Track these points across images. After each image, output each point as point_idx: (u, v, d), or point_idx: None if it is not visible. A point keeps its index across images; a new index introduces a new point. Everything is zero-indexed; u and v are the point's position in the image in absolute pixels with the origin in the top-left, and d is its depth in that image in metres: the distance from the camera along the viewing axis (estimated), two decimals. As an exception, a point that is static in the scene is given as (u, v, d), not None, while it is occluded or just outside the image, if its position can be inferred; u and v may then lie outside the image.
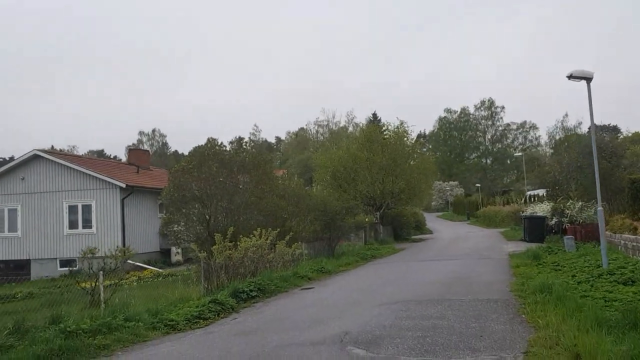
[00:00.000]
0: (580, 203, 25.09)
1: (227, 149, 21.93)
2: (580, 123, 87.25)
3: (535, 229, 26.13)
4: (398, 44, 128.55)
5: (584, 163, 32.86)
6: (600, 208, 12.87)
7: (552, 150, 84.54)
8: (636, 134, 71.81)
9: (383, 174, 32.27)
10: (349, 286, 13.50)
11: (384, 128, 36.29)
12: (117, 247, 13.18)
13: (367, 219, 34.83)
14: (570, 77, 12.67)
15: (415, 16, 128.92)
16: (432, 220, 60.34)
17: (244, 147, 22.49)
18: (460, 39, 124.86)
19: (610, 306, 8.75)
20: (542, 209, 28.00)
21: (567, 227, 24.57)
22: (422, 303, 10.02)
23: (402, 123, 34.67)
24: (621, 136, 67.21)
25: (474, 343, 6.93)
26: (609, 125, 77.90)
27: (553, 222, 25.61)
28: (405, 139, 34.83)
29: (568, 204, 25.33)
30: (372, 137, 34.06)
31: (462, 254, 21.48)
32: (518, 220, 39.28)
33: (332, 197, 24.79)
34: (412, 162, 35.31)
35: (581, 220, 24.20)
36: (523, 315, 8.52)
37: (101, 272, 11.10)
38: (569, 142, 55.67)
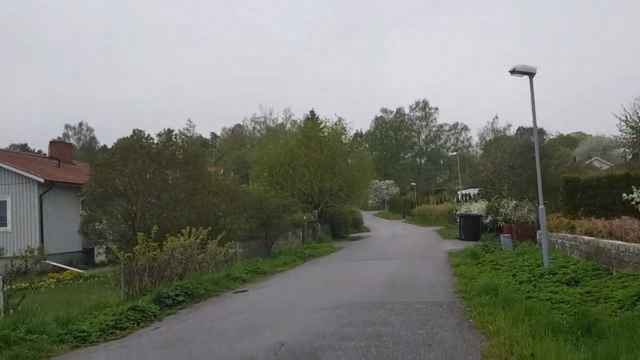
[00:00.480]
0: (514, 202, 25.43)
1: (155, 141, 20.48)
2: (509, 125, 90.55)
3: (471, 227, 26.28)
4: (337, 44, 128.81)
5: (515, 162, 33.70)
6: (541, 206, 12.68)
7: (482, 151, 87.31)
8: (562, 136, 75.25)
9: (321, 171, 31.65)
10: (285, 288, 12.65)
11: (321, 125, 35.59)
12: (28, 247, 11.66)
13: (305, 217, 34.11)
14: (513, 71, 12.39)
15: (354, 18, 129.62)
16: (369, 219, 60.53)
17: (174, 140, 21.09)
18: (397, 41, 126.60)
19: (558, 308, 8.37)
20: (477, 207, 28.26)
21: (502, 225, 24.82)
22: (364, 307, 9.31)
23: (340, 120, 34.25)
24: (547, 138, 70.17)
25: (423, 354, 6.25)
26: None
27: (488, 220, 25.84)
28: (343, 136, 34.36)
29: (503, 202, 25.62)
30: (309, 133, 33.38)
31: (401, 252, 21.12)
32: (452, 219, 39.77)
33: (269, 194, 23.81)
34: (350, 161, 34.95)
35: (515, 219, 24.52)
36: (471, 320, 7.97)
37: (0, 277, 9.68)
38: (498, 143, 57.37)
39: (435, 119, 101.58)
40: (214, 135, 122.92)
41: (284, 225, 21.81)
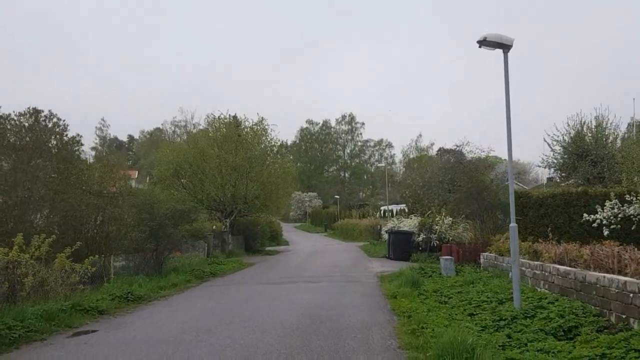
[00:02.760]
0: (449, 219, 22.73)
1: (17, 123, 15.89)
2: (432, 144, 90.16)
3: (401, 245, 23.25)
4: (272, 57, 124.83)
5: (445, 178, 31.41)
6: (513, 224, 9.54)
7: (404, 169, 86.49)
8: (479, 158, 75.67)
9: (236, 175, 27.65)
10: (152, 330, 8.63)
11: (241, 124, 31.50)
12: None
13: (214, 227, 30.04)
14: (482, 42, 9.26)
15: (286, 33, 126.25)
16: (289, 231, 57.23)
17: (44, 123, 16.51)
18: (331, 56, 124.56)
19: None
20: (408, 223, 25.33)
21: (436, 244, 22.00)
22: (259, 378, 5.60)
23: (261, 120, 30.39)
24: (466, 159, 69.86)
25: None
26: (454, 148, 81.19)
27: (420, 238, 22.92)
28: (264, 137, 30.54)
29: (437, 219, 22.83)
30: (227, 133, 29.36)
31: (322, 273, 17.58)
32: (376, 235, 37.08)
33: (162, 197, 19.57)
34: (273, 167, 31.17)
35: (450, 238, 21.79)
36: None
37: None
38: (420, 162, 55.92)
39: (361, 133, 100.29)
40: (131, 137, 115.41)
41: (179, 236, 17.63)
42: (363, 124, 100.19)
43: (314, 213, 77.42)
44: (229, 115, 30.70)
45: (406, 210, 37.08)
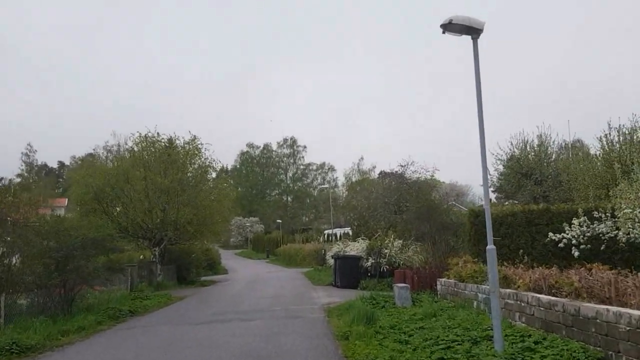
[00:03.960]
0: (399, 242, 21.18)
1: None
2: (374, 167, 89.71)
3: (349, 271, 21.40)
4: (213, 81, 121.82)
5: (391, 199, 30.13)
6: (491, 247, 7.82)
7: (346, 192, 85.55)
8: (419, 180, 75.67)
9: (165, 199, 25.10)
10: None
11: (173, 143, 28.85)
12: None
13: (142, 257, 27.28)
14: (447, 26, 7.68)
15: (226, 54, 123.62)
16: (229, 258, 54.56)
17: None
18: (272, 81, 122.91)
19: None
20: (355, 247, 23.54)
21: (386, 269, 20.27)
22: None
23: (194, 138, 28.03)
24: (409, 181, 69.42)
25: None
26: (396, 171, 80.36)
27: (369, 263, 21.16)
28: (197, 158, 28.15)
29: (386, 242, 21.19)
30: (155, 153, 26.87)
31: (261, 307, 15.40)
32: (320, 260, 35.20)
33: (71, 225, 16.86)
34: (210, 191, 28.83)
35: (401, 262, 20.19)
36: None
37: None
38: (362, 185, 55.04)
39: (303, 157, 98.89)
40: (61, 164, 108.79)
41: (90, 269, 14.99)
42: (305, 147, 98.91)
43: (256, 239, 74.85)
44: (157, 133, 27.88)
45: (350, 233, 35.56)
